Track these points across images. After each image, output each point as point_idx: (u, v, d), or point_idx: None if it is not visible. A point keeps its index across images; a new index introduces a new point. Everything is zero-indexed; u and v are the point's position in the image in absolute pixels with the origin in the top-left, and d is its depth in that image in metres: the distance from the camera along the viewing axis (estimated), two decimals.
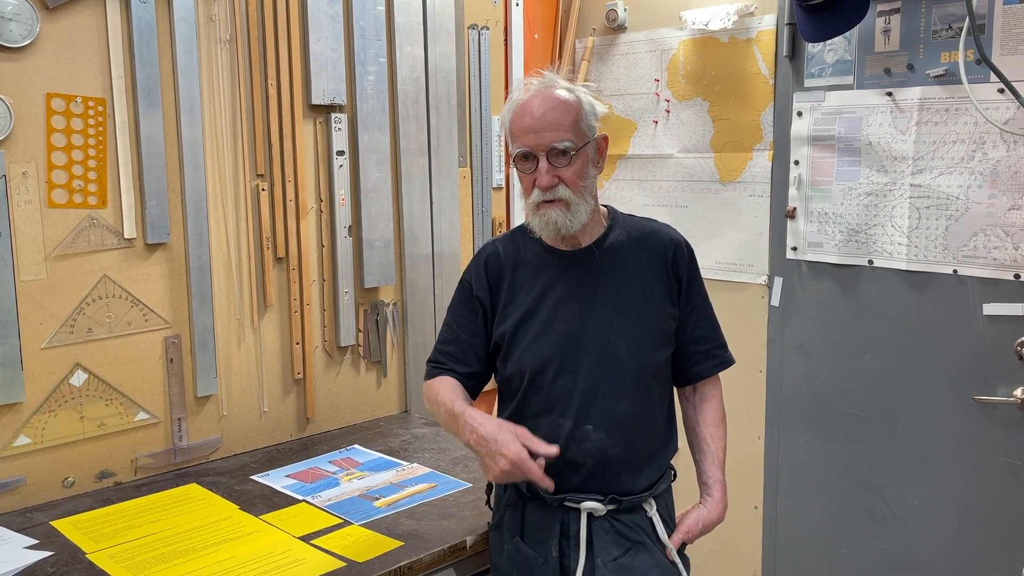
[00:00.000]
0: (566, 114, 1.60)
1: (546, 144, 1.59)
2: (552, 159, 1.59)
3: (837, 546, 2.50)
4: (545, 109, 1.59)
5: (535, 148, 1.60)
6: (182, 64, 2.11)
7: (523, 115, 1.61)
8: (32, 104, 1.92)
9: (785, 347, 2.58)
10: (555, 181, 1.60)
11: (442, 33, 2.62)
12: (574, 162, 1.60)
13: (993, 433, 2.19)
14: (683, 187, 2.79)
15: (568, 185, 1.60)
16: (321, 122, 2.40)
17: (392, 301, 2.59)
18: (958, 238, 2.21)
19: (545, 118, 1.59)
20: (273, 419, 2.38)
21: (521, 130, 1.61)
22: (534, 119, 1.59)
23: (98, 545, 1.77)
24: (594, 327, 1.65)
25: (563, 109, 1.60)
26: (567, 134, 1.59)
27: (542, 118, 1.59)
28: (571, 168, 1.60)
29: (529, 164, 1.61)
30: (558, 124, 1.59)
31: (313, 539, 1.79)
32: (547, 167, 1.59)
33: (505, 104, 1.68)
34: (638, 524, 1.67)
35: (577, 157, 1.61)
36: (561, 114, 1.59)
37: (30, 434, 1.97)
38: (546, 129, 1.59)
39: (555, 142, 1.59)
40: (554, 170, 1.60)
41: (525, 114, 1.61)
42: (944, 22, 2.18)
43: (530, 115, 1.60)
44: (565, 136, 1.59)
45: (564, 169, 1.60)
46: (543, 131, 1.59)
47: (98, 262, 2.04)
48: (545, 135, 1.59)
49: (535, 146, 1.60)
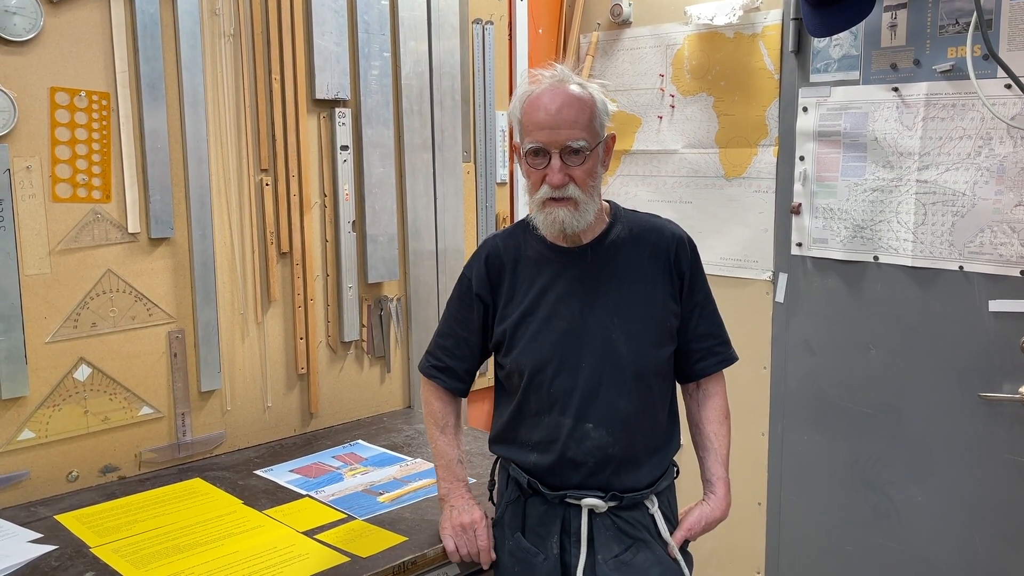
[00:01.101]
0: (582, 112, 1.57)
1: (561, 142, 1.56)
2: (565, 157, 1.57)
3: (841, 543, 2.50)
4: (560, 105, 1.56)
5: (549, 145, 1.57)
6: (186, 58, 2.11)
7: (537, 109, 1.57)
8: (36, 98, 1.92)
9: (790, 343, 2.57)
10: (566, 180, 1.57)
11: (446, 28, 2.62)
12: (586, 161, 1.58)
13: (998, 430, 2.18)
14: (688, 183, 2.78)
15: (579, 184, 1.58)
16: (325, 117, 2.39)
17: (396, 296, 2.59)
18: (964, 234, 2.20)
19: (561, 115, 1.56)
20: (277, 414, 2.39)
21: (535, 125, 1.58)
22: (549, 115, 1.56)
23: (102, 539, 1.78)
24: (594, 324, 1.64)
25: (579, 107, 1.57)
26: (582, 133, 1.57)
27: (557, 114, 1.56)
28: (583, 167, 1.58)
29: (540, 160, 1.59)
30: (574, 122, 1.56)
31: (317, 534, 1.80)
32: (560, 165, 1.57)
33: (514, 95, 1.65)
34: (640, 521, 1.66)
35: (590, 157, 1.58)
36: (577, 112, 1.56)
37: (34, 428, 1.97)
38: (562, 127, 1.56)
39: (570, 140, 1.56)
40: (566, 168, 1.57)
41: (539, 108, 1.57)
42: (951, 17, 2.16)
43: (544, 110, 1.56)
44: (580, 135, 1.56)
45: (576, 168, 1.57)
46: (558, 128, 1.56)
47: (102, 256, 2.04)
48: (561, 132, 1.56)
49: (549, 143, 1.57)
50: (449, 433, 1.79)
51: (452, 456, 1.78)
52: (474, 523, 1.71)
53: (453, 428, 1.80)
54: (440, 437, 1.79)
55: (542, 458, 1.66)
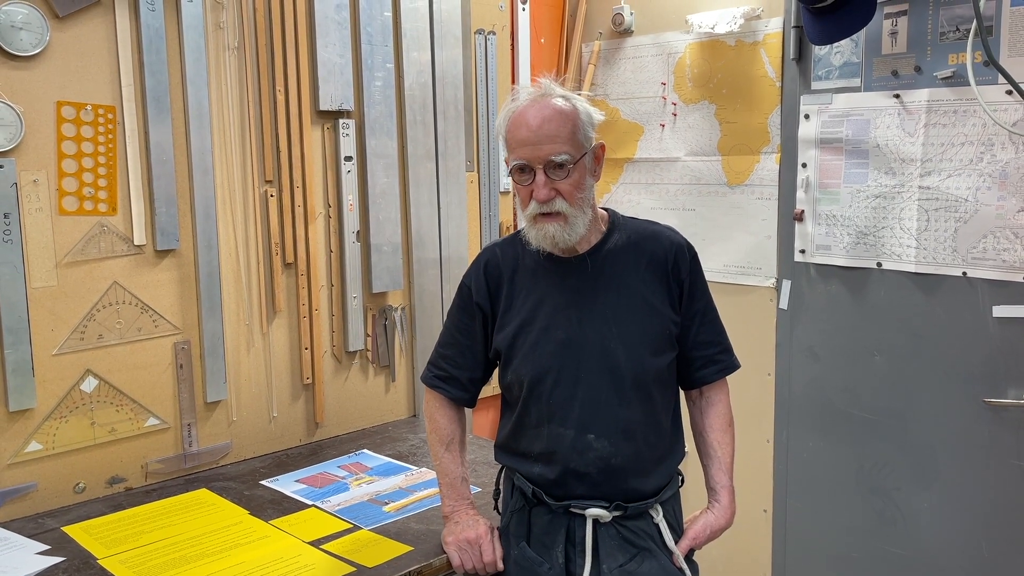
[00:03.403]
0: (563, 125, 1.57)
1: (543, 157, 1.56)
2: (549, 172, 1.57)
3: (847, 550, 2.49)
4: (541, 120, 1.56)
5: (532, 161, 1.57)
6: (191, 71, 2.12)
7: (519, 126, 1.58)
8: (43, 112, 1.93)
9: (794, 350, 2.57)
10: (552, 194, 1.57)
11: (449, 38, 2.63)
12: (571, 174, 1.58)
13: (1004, 436, 2.18)
14: (690, 190, 2.78)
15: (566, 198, 1.58)
16: (329, 128, 2.41)
17: (400, 306, 2.60)
18: (967, 240, 2.20)
19: (542, 130, 1.56)
20: (282, 424, 2.39)
21: (517, 142, 1.58)
22: (530, 131, 1.56)
23: (109, 551, 1.78)
24: (592, 334, 1.64)
25: (560, 120, 1.57)
26: (564, 146, 1.56)
27: (538, 130, 1.56)
28: (568, 181, 1.58)
29: (526, 176, 1.59)
30: (555, 136, 1.56)
31: (322, 544, 1.80)
32: (544, 180, 1.57)
33: (500, 112, 1.65)
34: (644, 530, 1.66)
35: (575, 169, 1.58)
36: (558, 125, 1.56)
37: (41, 440, 1.98)
38: (543, 142, 1.56)
39: (552, 155, 1.56)
40: (551, 183, 1.57)
41: (521, 125, 1.58)
42: (951, 24, 2.17)
43: (526, 127, 1.57)
44: (562, 149, 1.56)
45: (561, 182, 1.57)
46: (540, 144, 1.56)
47: (108, 269, 2.05)
48: (542, 148, 1.56)
49: (532, 159, 1.57)
50: (454, 450, 1.78)
51: (456, 475, 1.77)
52: (479, 538, 1.71)
53: (458, 445, 1.79)
54: (444, 455, 1.78)
55: (546, 470, 1.66)
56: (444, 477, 1.78)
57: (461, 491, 1.77)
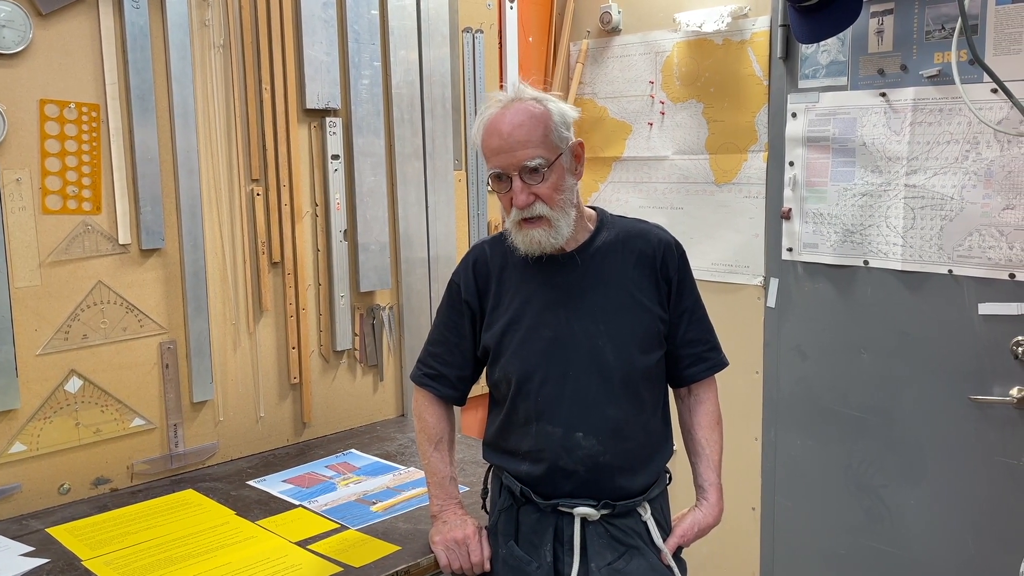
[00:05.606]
0: (534, 129, 1.57)
1: (517, 163, 1.56)
2: (525, 177, 1.57)
3: (835, 547, 2.50)
4: (512, 127, 1.56)
5: (507, 168, 1.57)
6: (176, 69, 2.11)
7: (491, 134, 1.58)
8: (25, 110, 1.91)
9: (781, 348, 2.58)
10: (531, 199, 1.58)
11: (436, 37, 2.62)
12: (548, 177, 1.58)
13: (989, 432, 2.19)
14: (678, 189, 2.79)
15: (545, 201, 1.58)
16: (316, 126, 2.40)
17: (388, 305, 2.59)
18: (953, 238, 2.21)
19: (513, 136, 1.56)
20: (269, 424, 2.38)
21: (491, 151, 1.59)
22: (502, 138, 1.56)
23: (94, 552, 1.77)
24: (581, 332, 1.64)
25: (531, 124, 1.57)
26: (537, 150, 1.56)
27: (510, 137, 1.56)
28: (546, 184, 1.58)
29: (503, 184, 1.60)
30: (527, 141, 1.56)
31: (310, 544, 1.79)
32: (521, 186, 1.57)
33: (475, 123, 1.65)
34: (632, 528, 1.66)
35: (551, 172, 1.58)
36: (529, 130, 1.56)
37: (25, 441, 1.96)
38: (515, 148, 1.56)
39: (526, 160, 1.56)
40: (528, 188, 1.57)
41: (493, 133, 1.58)
42: (937, 23, 2.18)
43: (498, 135, 1.57)
44: (535, 153, 1.56)
45: (539, 186, 1.57)
46: (512, 150, 1.56)
47: (93, 268, 2.03)
48: (515, 154, 1.56)
49: (506, 166, 1.57)
50: (443, 449, 1.78)
51: (445, 474, 1.77)
52: (467, 538, 1.71)
53: (447, 444, 1.79)
54: (433, 454, 1.78)
55: (534, 468, 1.66)
56: (432, 476, 1.78)
57: (449, 490, 1.77)
